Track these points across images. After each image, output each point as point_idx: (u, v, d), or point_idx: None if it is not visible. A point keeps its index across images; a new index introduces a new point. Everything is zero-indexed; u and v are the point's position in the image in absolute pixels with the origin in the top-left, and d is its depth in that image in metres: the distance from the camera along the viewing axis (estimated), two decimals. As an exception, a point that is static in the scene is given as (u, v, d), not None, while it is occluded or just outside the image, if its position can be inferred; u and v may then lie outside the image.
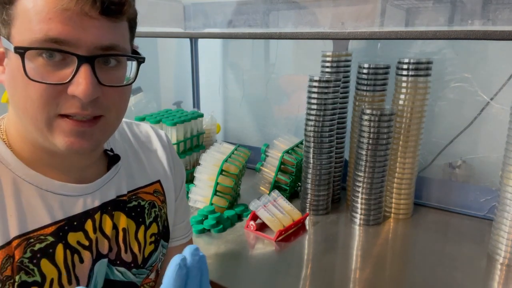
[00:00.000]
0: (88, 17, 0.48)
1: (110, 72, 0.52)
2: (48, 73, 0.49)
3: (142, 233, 0.67)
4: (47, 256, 0.55)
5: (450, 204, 1.23)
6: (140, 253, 0.67)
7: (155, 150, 0.74)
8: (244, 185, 1.39)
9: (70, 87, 0.49)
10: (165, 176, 0.74)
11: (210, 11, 1.34)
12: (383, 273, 0.92)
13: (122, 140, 0.70)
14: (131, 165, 0.69)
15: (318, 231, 1.12)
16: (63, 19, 0.47)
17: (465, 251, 1.01)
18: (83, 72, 0.49)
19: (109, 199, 0.63)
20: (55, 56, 0.48)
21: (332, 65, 1.21)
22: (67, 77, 0.49)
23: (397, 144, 1.15)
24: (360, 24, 0.98)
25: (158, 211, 0.71)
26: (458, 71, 1.23)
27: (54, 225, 0.56)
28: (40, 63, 0.48)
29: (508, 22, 0.83)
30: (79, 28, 0.48)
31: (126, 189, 0.66)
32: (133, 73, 0.56)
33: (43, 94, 0.49)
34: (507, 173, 0.93)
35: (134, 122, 0.76)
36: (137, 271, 0.67)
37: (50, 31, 0.47)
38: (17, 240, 0.53)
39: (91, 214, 0.60)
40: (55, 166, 0.57)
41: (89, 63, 0.49)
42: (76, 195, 0.59)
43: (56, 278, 0.56)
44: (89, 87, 0.49)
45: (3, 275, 0.52)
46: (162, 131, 0.78)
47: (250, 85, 1.75)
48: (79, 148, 0.52)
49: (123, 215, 0.65)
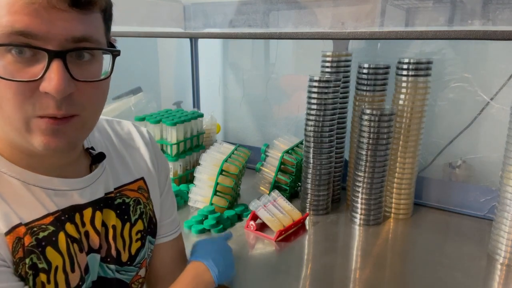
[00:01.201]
0: (57, 9, 0.46)
1: (84, 66, 0.50)
2: (19, 70, 0.47)
3: (128, 230, 0.67)
4: (52, 244, 0.55)
5: (450, 204, 1.23)
6: (126, 251, 0.67)
7: (137, 148, 0.74)
8: (244, 185, 1.39)
9: (42, 84, 0.47)
10: (149, 173, 0.73)
11: (210, 11, 1.34)
12: (383, 273, 0.92)
13: (102, 138, 0.69)
14: (114, 162, 0.69)
15: (318, 231, 1.12)
16: (30, 11, 0.45)
17: (465, 251, 1.01)
18: (55, 68, 0.47)
19: (98, 197, 0.63)
20: (25, 52, 0.47)
21: (332, 65, 1.21)
22: (39, 74, 0.47)
23: (397, 144, 1.15)
24: (360, 24, 0.98)
25: (143, 208, 0.70)
26: (458, 71, 1.23)
27: (51, 216, 0.56)
28: (10, 60, 0.46)
29: (508, 22, 0.83)
30: (47, 21, 0.46)
31: (112, 186, 0.66)
32: (110, 68, 0.54)
33: (17, 93, 0.47)
34: (507, 173, 0.93)
35: (115, 120, 0.75)
36: (126, 269, 0.67)
37: (16, 23, 0.45)
38: (22, 227, 0.53)
39: (80, 208, 0.60)
40: (35, 166, 0.56)
41: (61, 58, 0.47)
42: (63, 189, 0.58)
43: (61, 266, 0.56)
44: (61, 82, 0.47)
45: (15, 258, 0.52)
46: (144, 129, 0.78)
47: (250, 85, 1.75)
48: (55, 147, 0.51)
49: (112, 212, 0.65)
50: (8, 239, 0.52)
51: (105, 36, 0.54)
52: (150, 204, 0.73)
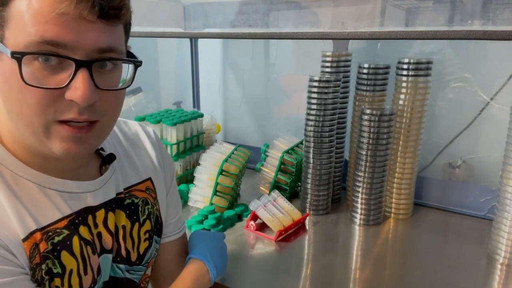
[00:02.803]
0: (86, 21, 0.47)
1: (107, 75, 0.52)
2: (45, 78, 0.48)
3: (137, 230, 0.68)
4: (66, 248, 0.56)
5: (450, 204, 1.23)
6: (135, 251, 0.67)
7: (144, 148, 0.74)
8: (244, 185, 1.39)
9: (67, 92, 0.48)
10: (155, 173, 0.74)
11: (210, 11, 1.34)
12: (383, 273, 0.92)
13: (111, 138, 0.70)
14: (123, 163, 0.70)
15: (318, 231, 1.12)
16: (60, 22, 0.46)
17: (465, 251, 1.01)
18: (81, 77, 0.48)
19: (110, 198, 0.64)
20: (52, 60, 0.47)
21: (332, 65, 1.21)
22: (64, 82, 0.48)
23: (397, 144, 1.15)
24: (360, 24, 0.98)
25: (151, 208, 0.71)
26: (458, 71, 1.23)
27: (65, 219, 0.57)
28: (36, 67, 0.47)
29: (508, 22, 0.83)
30: (77, 32, 0.47)
31: (122, 187, 0.67)
32: (130, 76, 0.56)
33: (40, 99, 0.48)
34: (507, 173, 0.93)
35: (121, 120, 0.75)
36: (135, 268, 0.68)
37: (46, 33, 0.46)
38: (38, 232, 0.54)
39: (93, 210, 0.61)
40: (49, 168, 0.57)
41: (87, 68, 0.48)
42: (77, 192, 0.59)
43: (75, 269, 0.57)
44: (87, 91, 0.48)
45: (33, 263, 0.53)
46: (150, 128, 0.78)
47: (250, 85, 1.75)
48: (75, 153, 0.52)
49: (123, 213, 0.65)
50: (26, 245, 0.53)
51: (125, 46, 0.55)
52: (157, 204, 0.73)
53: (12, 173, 0.55)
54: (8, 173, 0.54)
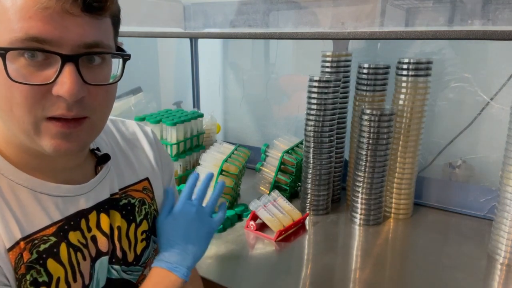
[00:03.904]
0: (70, 14, 0.46)
1: (95, 70, 0.51)
2: (31, 74, 0.47)
3: (133, 231, 0.67)
4: (53, 255, 0.55)
5: (450, 204, 1.23)
6: (132, 251, 0.67)
7: (142, 147, 0.74)
8: (244, 185, 1.39)
9: (54, 87, 0.48)
10: (153, 173, 0.73)
11: (210, 11, 1.34)
12: (383, 273, 0.92)
13: (108, 138, 0.69)
14: (120, 163, 0.69)
15: (318, 231, 1.12)
16: (43, 17, 0.45)
17: (465, 251, 1.01)
18: (67, 72, 0.47)
19: (103, 199, 0.63)
20: (37, 56, 0.47)
21: (332, 65, 1.21)
22: (51, 78, 0.47)
23: (397, 144, 1.15)
24: (360, 24, 0.98)
25: (148, 208, 0.71)
26: (458, 71, 1.23)
27: (54, 226, 0.56)
28: (22, 63, 0.47)
29: (508, 22, 0.83)
30: (61, 26, 0.46)
31: (117, 187, 0.66)
32: (119, 71, 0.55)
33: (28, 96, 0.47)
34: (507, 173, 0.93)
35: (119, 119, 0.75)
36: (132, 269, 0.67)
37: (30, 29, 0.45)
38: (22, 242, 0.53)
39: (85, 214, 0.60)
40: (43, 168, 0.57)
41: (73, 62, 0.48)
42: (70, 195, 0.59)
43: (63, 277, 0.56)
44: (74, 86, 0.47)
45: (18, 274, 0.52)
46: (149, 128, 0.78)
47: (250, 85, 1.75)
48: (66, 150, 0.51)
49: (118, 213, 0.65)
50: (11, 255, 0.52)
51: (114, 40, 0.55)
52: (154, 204, 0.73)
53: (3, 177, 0.54)
54: (0, 178, 0.54)
